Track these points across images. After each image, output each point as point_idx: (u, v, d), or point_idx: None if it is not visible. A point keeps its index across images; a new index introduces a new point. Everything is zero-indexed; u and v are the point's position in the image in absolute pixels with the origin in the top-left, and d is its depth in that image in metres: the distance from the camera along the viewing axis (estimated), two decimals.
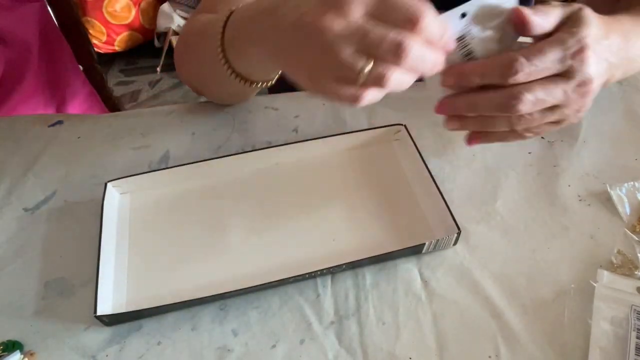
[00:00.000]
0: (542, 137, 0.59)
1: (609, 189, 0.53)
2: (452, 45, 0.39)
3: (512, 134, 0.44)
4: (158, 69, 2.20)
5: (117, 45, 2.17)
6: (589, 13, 0.41)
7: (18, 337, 0.46)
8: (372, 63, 0.35)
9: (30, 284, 0.50)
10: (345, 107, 0.39)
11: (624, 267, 0.47)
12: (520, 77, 0.39)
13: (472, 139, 0.47)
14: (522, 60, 0.38)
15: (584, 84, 0.40)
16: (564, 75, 0.40)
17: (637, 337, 0.41)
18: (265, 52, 0.45)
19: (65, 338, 0.46)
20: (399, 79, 0.37)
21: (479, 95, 0.41)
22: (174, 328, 0.46)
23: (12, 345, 0.45)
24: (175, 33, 2.09)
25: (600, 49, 0.41)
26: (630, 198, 0.52)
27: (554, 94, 0.40)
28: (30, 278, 0.50)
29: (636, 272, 0.46)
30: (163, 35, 2.17)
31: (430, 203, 0.52)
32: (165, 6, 2.12)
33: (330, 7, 0.35)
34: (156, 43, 2.21)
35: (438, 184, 0.51)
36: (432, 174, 0.52)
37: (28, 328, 0.47)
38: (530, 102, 0.39)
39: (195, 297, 0.45)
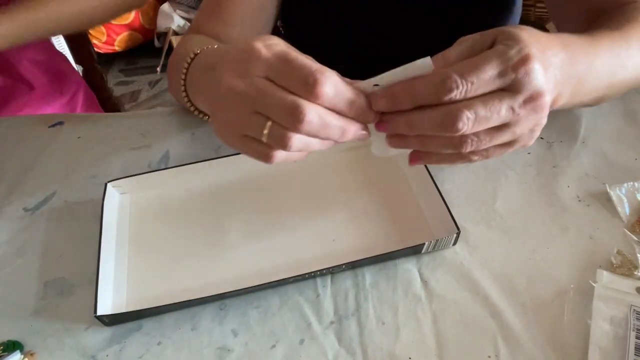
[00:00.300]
0: (542, 138, 0.59)
1: (608, 189, 0.53)
2: (370, 117, 0.38)
3: (458, 156, 0.40)
4: (158, 68, 2.21)
5: (117, 45, 2.17)
6: (521, 27, 0.38)
7: (18, 337, 0.46)
8: (269, 124, 0.36)
9: (30, 284, 0.50)
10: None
11: (624, 267, 0.47)
12: (456, 96, 0.35)
13: (413, 159, 0.42)
14: (455, 77, 0.35)
15: (532, 98, 0.36)
16: (508, 89, 0.36)
17: (637, 337, 0.41)
18: (204, 102, 0.49)
19: (65, 338, 0.46)
20: (303, 142, 0.37)
21: (415, 114, 0.37)
22: (174, 328, 0.46)
23: (12, 345, 0.45)
24: (175, 33, 2.09)
25: (544, 60, 0.37)
26: (630, 198, 0.52)
27: (499, 110, 0.36)
28: (30, 278, 0.50)
29: (635, 272, 0.46)
30: (163, 35, 2.17)
31: (430, 203, 0.52)
32: (165, 6, 2.12)
33: (236, 69, 0.37)
34: (156, 43, 2.21)
35: (437, 184, 0.51)
36: (432, 174, 0.52)
37: (28, 328, 0.47)
38: (470, 121, 0.35)
39: (195, 297, 0.45)
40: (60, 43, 1.11)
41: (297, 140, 0.36)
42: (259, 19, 0.65)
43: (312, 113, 0.35)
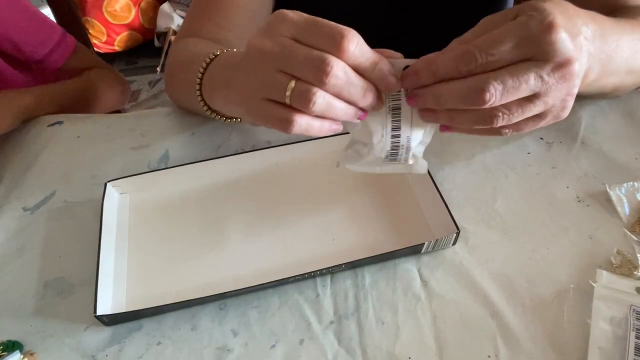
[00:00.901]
0: (541, 138, 0.59)
1: (608, 189, 0.53)
2: (392, 81, 0.37)
3: (489, 131, 0.40)
4: (158, 68, 2.20)
5: (117, 45, 2.17)
6: None
7: (18, 337, 0.46)
8: (293, 83, 0.36)
9: (30, 284, 0.50)
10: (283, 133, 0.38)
11: (623, 267, 0.47)
12: (475, 68, 0.35)
13: (442, 128, 0.42)
14: (473, 50, 0.35)
15: (561, 65, 0.35)
16: (535, 58, 0.36)
17: (636, 337, 0.41)
18: (225, 96, 0.48)
19: (65, 338, 0.46)
20: (326, 103, 0.36)
21: (442, 86, 0.37)
22: (174, 328, 0.46)
23: (12, 345, 0.45)
24: (175, 33, 2.09)
25: (571, 27, 0.36)
26: (630, 198, 0.52)
27: (527, 79, 0.35)
28: (30, 278, 0.50)
29: (635, 273, 0.46)
30: (163, 35, 2.17)
31: (430, 203, 0.52)
32: (165, 6, 2.12)
33: (264, 31, 0.38)
34: (156, 43, 2.21)
35: (437, 184, 0.51)
36: (432, 174, 0.52)
37: (28, 328, 0.47)
38: (498, 91, 0.35)
39: (195, 297, 0.45)
40: None
41: (321, 97, 0.36)
42: (255, 24, 0.65)
43: (339, 67, 0.35)
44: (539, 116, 0.39)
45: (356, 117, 0.39)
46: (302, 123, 0.38)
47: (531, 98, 0.37)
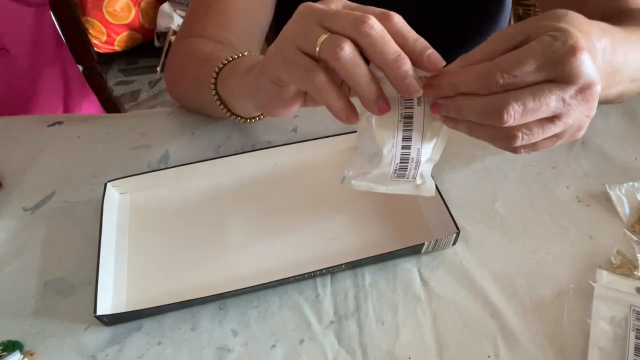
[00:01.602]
0: None
1: (608, 189, 0.53)
2: (415, 84, 0.36)
3: (504, 146, 0.40)
4: (158, 68, 2.20)
5: (117, 45, 2.17)
6: (560, 13, 0.37)
7: (18, 337, 0.46)
8: (327, 35, 0.36)
9: (30, 284, 0.50)
10: (302, 85, 0.38)
11: (623, 267, 0.47)
12: (497, 89, 0.35)
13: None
14: (495, 70, 0.34)
15: (585, 88, 0.35)
16: (557, 81, 0.35)
17: (636, 337, 0.41)
18: (244, 77, 0.48)
19: (65, 338, 0.46)
20: (352, 55, 0.36)
21: (463, 100, 0.37)
22: (173, 328, 0.46)
23: (12, 345, 0.45)
24: (175, 33, 2.09)
25: (591, 48, 0.36)
26: (630, 198, 0.52)
27: (547, 102, 0.35)
28: (30, 278, 0.50)
29: (635, 273, 0.46)
30: (163, 35, 2.17)
31: (430, 203, 0.52)
32: (165, 6, 2.12)
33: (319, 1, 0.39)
34: (156, 43, 2.21)
35: (437, 184, 0.51)
36: (432, 173, 0.52)
37: (28, 328, 0.47)
38: (517, 113, 0.35)
39: (195, 297, 0.45)
40: None
41: (349, 48, 0.35)
42: (256, 26, 0.65)
43: (376, 23, 0.35)
44: (557, 136, 0.39)
45: (377, 103, 0.37)
46: (322, 80, 0.37)
47: (552, 119, 0.37)
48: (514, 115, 0.35)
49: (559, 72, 0.35)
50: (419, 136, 0.40)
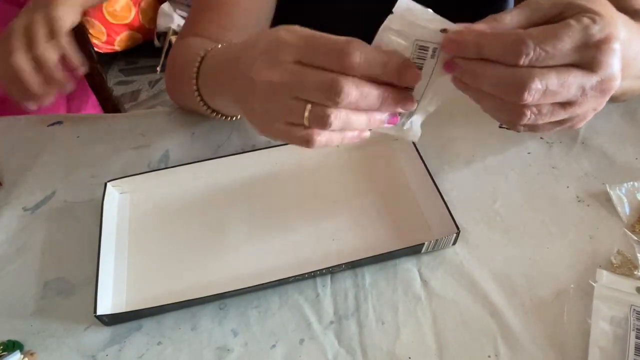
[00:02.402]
0: (541, 138, 0.59)
1: (608, 189, 0.53)
2: (407, 75, 0.36)
3: (509, 122, 0.38)
4: (158, 68, 2.20)
5: (117, 45, 2.17)
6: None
7: (18, 337, 0.46)
8: (309, 107, 0.36)
9: (30, 284, 0.50)
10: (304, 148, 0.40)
11: (624, 267, 0.47)
12: (524, 62, 0.33)
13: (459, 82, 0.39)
14: (529, 42, 0.33)
15: (605, 81, 0.34)
16: (583, 67, 0.34)
17: (637, 337, 0.41)
18: (229, 99, 0.48)
19: (65, 338, 0.46)
20: (343, 119, 0.36)
21: (485, 67, 0.35)
22: (174, 328, 0.46)
23: (12, 345, 0.45)
24: (175, 33, 2.09)
25: (621, 39, 0.34)
26: (630, 198, 0.52)
27: (569, 87, 0.34)
28: (30, 278, 0.50)
29: (635, 272, 0.46)
30: (163, 35, 2.17)
31: (430, 203, 0.52)
32: (165, 6, 2.12)
33: (267, 60, 0.38)
34: (156, 43, 2.21)
35: (437, 184, 0.51)
36: (432, 174, 0.52)
37: (28, 328, 0.47)
38: (538, 92, 0.33)
39: (195, 297, 0.45)
40: None
41: (337, 117, 0.36)
42: (257, 26, 0.65)
43: (349, 85, 0.35)
44: (561, 122, 0.38)
45: (384, 123, 0.39)
46: (323, 140, 0.38)
47: (564, 104, 0.36)
48: (535, 94, 0.34)
49: (590, 57, 0.34)
50: (422, 87, 0.39)
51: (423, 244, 0.47)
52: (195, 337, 0.45)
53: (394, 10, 0.36)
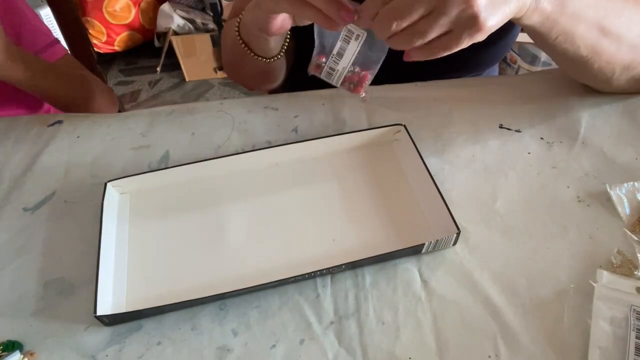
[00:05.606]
0: (542, 138, 0.59)
1: (608, 189, 0.53)
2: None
3: (425, 53, 0.43)
4: (158, 68, 2.21)
5: (117, 45, 2.17)
6: None
7: (18, 337, 0.46)
8: None
9: (30, 284, 0.50)
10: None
11: (624, 267, 0.47)
12: None
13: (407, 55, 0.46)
14: None
15: None
16: None
17: (637, 337, 0.41)
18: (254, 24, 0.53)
19: (65, 338, 0.46)
20: None
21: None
22: (174, 328, 0.46)
23: (12, 345, 0.45)
24: (175, 33, 2.09)
25: None
26: (630, 198, 0.52)
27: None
28: (30, 278, 0.50)
29: (636, 272, 0.46)
30: (163, 35, 2.17)
31: (430, 203, 0.52)
32: (165, 6, 2.12)
33: None
34: (156, 43, 2.21)
35: (438, 184, 0.51)
36: (432, 174, 0.52)
37: (28, 328, 0.47)
38: (392, 14, 0.40)
39: (195, 297, 0.45)
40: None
41: None
42: None
43: None
44: (448, 34, 0.41)
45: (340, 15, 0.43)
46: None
47: (430, 14, 0.40)
48: (391, 18, 0.40)
49: None
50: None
51: (423, 244, 0.47)
52: (195, 337, 0.45)
53: None
